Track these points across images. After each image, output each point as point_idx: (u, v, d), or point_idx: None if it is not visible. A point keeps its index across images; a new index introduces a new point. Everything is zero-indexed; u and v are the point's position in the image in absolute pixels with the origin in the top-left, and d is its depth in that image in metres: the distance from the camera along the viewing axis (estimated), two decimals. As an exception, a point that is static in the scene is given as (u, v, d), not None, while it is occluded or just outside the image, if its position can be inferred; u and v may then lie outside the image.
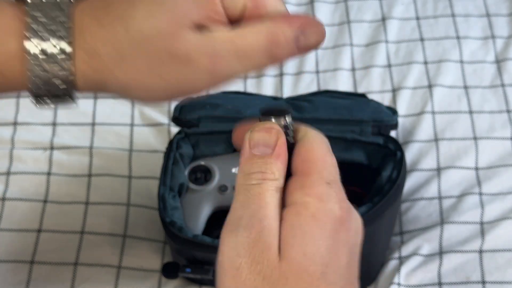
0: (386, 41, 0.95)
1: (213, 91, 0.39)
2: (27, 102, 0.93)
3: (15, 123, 0.88)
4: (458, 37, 0.95)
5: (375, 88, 0.91)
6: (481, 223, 0.79)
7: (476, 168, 0.83)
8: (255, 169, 0.34)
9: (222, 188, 0.72)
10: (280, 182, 0.34)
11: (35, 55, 0.34)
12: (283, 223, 0.33)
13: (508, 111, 0.88)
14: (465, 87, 0.91)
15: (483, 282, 0.75)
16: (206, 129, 0.73)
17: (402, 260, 0.77)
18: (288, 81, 0.92)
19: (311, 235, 0.32)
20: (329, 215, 0.33)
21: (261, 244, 0.32)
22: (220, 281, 0.32)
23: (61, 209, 0.81)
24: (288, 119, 0.36)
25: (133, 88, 0.36)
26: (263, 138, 0.34)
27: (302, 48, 0.36)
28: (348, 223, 0.34)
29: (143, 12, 0.34)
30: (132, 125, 0.88)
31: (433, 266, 0.76)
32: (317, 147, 0.36)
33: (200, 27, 0.35)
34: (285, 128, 0.35)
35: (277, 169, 0.34)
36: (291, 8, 0.99)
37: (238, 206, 0.34)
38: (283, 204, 0.34)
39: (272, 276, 0.31)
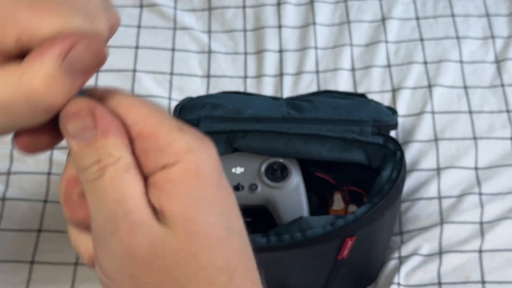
0: (386, 41, 0.95)
1: None
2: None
3: (15, 123, 0.88)
4: (458, 37, 0.95)
5: (375, 88, 0.91)
6: (481, 223, 0.79)
7: (476, 168, 0.83)
8: (87, 161, 0.28)
9: (222, 188, 0.72)
10: (126, 157, 0.28)
11: None
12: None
13: (507, 111, 0.88)
14: (465, 87, 0.91)
15: (483, 282, 0.75)
16: (206, 129, 0.73)
17: (402, 260, 0.77)
18: (288, 81, 0.92)
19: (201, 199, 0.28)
20: (209, 163, 0.29)
21: (141, 244, 0.27)
22: None
23: (61, 209, 0.81)
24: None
25: None
26: (77, 125, 0.28)
27: (77, 71, 0.28)
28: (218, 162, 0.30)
29: None
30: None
31: (433, 266, 0.76)
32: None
33: None
34: None
35: (114, 147, 0.27)
36: (291, 8, 0.99)
37: (93, 213, 0.28)
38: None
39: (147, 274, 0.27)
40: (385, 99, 0.90)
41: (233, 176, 0.73)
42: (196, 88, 0.92)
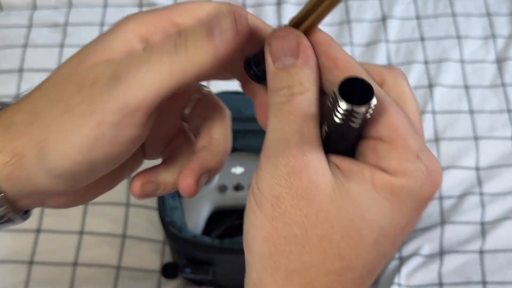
0: (386, 41, 0.95)
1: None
2: (26, 102, 0.93)
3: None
4: (458, 37, 0.95)
5: (375, 87, 0.91)
6: (482, 223, 0.79)
7: (477, 168, 0.83)
8: (280, 84, 0.30)
9: (222, 188, 0.72)
10: (313, 92, 0.29)
11: None
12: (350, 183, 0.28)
13: (508, 111, 0.88)
14: (466, 87, 0.91)
15: (484, 283, 0.75)
16: (206, 129, 0.73)
17: (402, 261, 0.77)
18: (288, 80, 0.92)
19: (382, 207, 0.28)
20: (413, 195, 0.29)
21: (305, 178, 0.28)
22: (258, 205, 0.29)
23: (60, 210, 0.81)
24: (367, 108, 0.27)
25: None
26: (282, 48, 0.30)
27: (216, 33, 0.30)
28: (429, 200, 0.30)
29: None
30: (131, 125, 0.88)
31: (433, 266, 0.76)
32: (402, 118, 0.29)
33: None
34: (360, 115, 0.27)
35: (306, 78, 0.29)
36: (291, 8, 0.99)
37: (272, 129, 0.30)
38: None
39: (316, 217, 0.28)
40: (385, 99, 0.89)
41: (233, 176, 0.73)
42: (196, 88, 0.92)
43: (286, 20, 0.98)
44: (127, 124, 0.30)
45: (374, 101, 0.27)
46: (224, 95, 0.80)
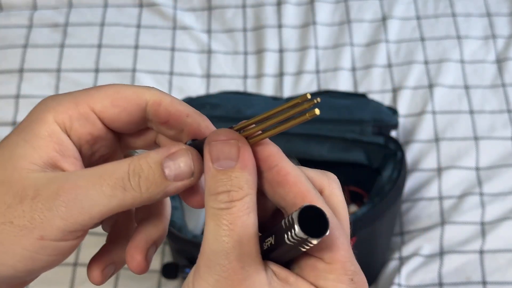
0: (387, 41, 0.95)
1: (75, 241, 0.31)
2: (26, 103, 0.93)
3: (14, 123, 0.88)
4: (458, 37, 0.95)
5: (376, 88, 0.91)
6: (482, 224, 0.79)
7: (477, 168, 0.83)
8: (220, 187, 0.30)
9: (222, 188, 0.72)
10: (252, 196, 0.30)
11: None
12: None
13: (508, 111, 0.88)
14: (466, 87, 0.91)
15: (484, 283, 0.75)
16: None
17: (402, 261, 0.77)
18: (288, 81, 0.92)
19: None
20: None
21: None
22: None
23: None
24: (320, 239, 0.28)
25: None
26: (222, 151, 0.30)
27: (171, 175, 0.31)
28: None
29: None
30: (131, 125, 0.88)
31: (433, 266, 0.76)
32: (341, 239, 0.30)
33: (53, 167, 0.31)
34: (309, 244, 0.29)
35: (245, 182, 0.30)
36: (291, 8, 0.99)
37: (211, 238, 0.30)
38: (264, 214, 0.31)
39: None
40: (385, 99, 0.89)
41: (233, 176, 0.73)
42: (196, 88, 0.92)
43: (286, 20, 0.98)
44: (70, 238, 0.30)
45: (327, 233, 0.28)
46: (224, 95, 0.80)
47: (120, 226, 0.36)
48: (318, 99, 0.29)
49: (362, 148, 0.72)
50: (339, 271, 0.30)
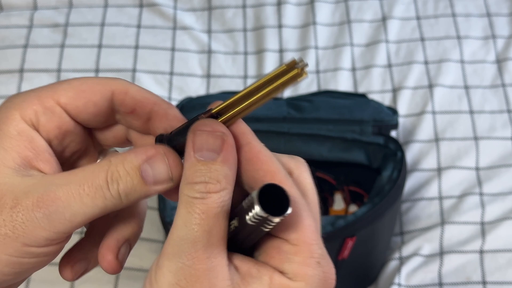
0: (387, 41, 0.95)
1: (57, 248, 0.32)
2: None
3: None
4: (458, 37, 0.95)
5: (376, 88, 0.91)
6: (482, 224, 0.79)
7: (477, 168, 0.83)
8: (197, 178, 0.29)
9: (222, 188, 0.72)
10: (228, 191, 0.29)
11: None
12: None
13: (508, 111, 0.88)
14: (466, 87, 0.91)
15: (484, 283, 0.75)
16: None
17: (402, 261, 0.77)
18: (288, 81, 0.92)
19: None
20: None
21: (206, 282, 0.28)
22: None
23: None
24: (282, 218, 0.28)
25: None
26: (206, 142, 0.29)
27: (150, 181, 0.30)
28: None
29: None
30: (132, 125, 0.88)
31: (433, 266, 0.76)
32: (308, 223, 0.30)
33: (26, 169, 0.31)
34: (270, 224, 0.28)
35: (224, 176, 0.29)
36: (291, 8, 0.99)
37: (180, 224, 0.29)
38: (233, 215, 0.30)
39: None
40: (385, 99, 0.89)
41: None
42: (196, 88, 0.92)
43: (286, 20, 0.98)
44: (55, 243, 0.31)
45: (289, 211, 0.28)
46: (225, 95, 0.80)
47: (95, 222, 0.35)
48: (307, 64, 0.29)
49: (362, 148, 0.72)
50: (305, 254, 0.29)
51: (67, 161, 0.34)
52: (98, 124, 0.33)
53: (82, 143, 0.34)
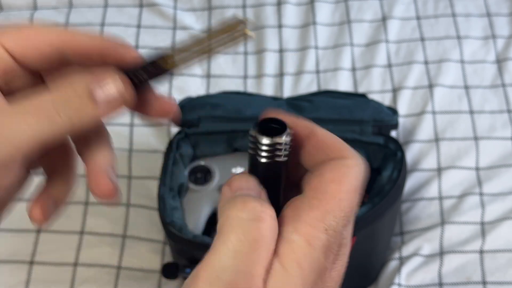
0: (387, 41, 0.95)
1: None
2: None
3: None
4: (458, 37, 0.95)
5: (376, 88, 0.91)
6: (482, 224, 0.79)
7: (477, 168, 0.83)
8: (250, 202, 0.28)
9: (222, 188, 0.72)
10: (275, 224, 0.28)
11: None
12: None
13: (508, 111, 0.88)
14: (466, 87, 0.91)
15: (484, 283, 0.75)
16: (206, 129, 0.73)
17: (402, 261, 0.77)
18: (288, 81, 0.92)
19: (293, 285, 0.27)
20: (313, 266, 0.28)
21: None
22: None
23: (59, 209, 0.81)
24: (287, 138, 0.28)
25: None
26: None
27: (103, 102, 0.29)
28: (329, 273, 0.30)
29: None
30: (131, 125, 0.88)
31: (433, 266, 0.76)
32: (343, 179, 0.29)
33: None
34: (279, 147, 0.28)
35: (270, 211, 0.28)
36: (291, 8, 0.99)
37: (230, 250, 0.27)
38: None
39: None
40: (385, 99, 0.89)
41: (233, 176, 0.73)
42: (196, 88, 0.92)
43: (286, 20, 0.98)
44: (5, 173, 0.29)
45: (289, 130, 0.28)
46: (225, 95, 0.80)
47: (54, 160, 0.35)
48: (247, 20, 0.29)
49: (362, 148, 0.72)
50: (320, 216, 0.28)
51: None
52: (47, 70, 0.33)
53: (32, 86, 0.33)
